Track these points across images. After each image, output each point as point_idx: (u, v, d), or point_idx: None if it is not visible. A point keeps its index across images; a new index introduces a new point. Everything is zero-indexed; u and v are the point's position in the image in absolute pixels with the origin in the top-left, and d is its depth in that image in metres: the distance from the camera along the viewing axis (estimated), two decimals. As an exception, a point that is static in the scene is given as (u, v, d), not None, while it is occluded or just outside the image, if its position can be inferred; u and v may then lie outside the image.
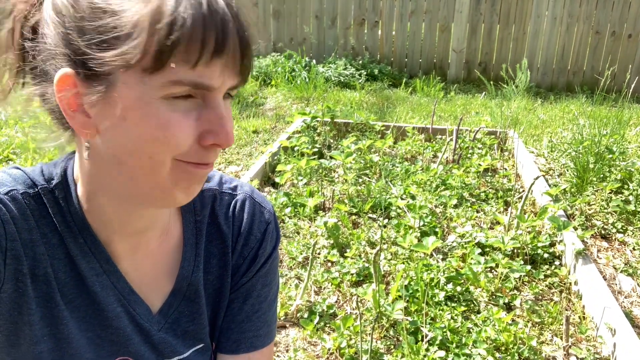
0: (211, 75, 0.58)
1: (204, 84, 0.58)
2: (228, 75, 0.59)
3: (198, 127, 0.60)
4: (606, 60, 6.19)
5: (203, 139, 0.61)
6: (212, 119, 0.60)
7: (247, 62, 0.61)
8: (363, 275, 2.25)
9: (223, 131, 0.60)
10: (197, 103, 0.60)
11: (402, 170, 3.31)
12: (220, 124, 0.60)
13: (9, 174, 0.68)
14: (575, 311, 2.13)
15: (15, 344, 0.66)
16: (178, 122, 0.59)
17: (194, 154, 0.62)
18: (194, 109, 0.60)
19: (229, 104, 0.64)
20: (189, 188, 0.65)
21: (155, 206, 0.68)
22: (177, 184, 0.63)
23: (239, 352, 0.83)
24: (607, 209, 2.88)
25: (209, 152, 0.62)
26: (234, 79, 0.60)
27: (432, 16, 6.36)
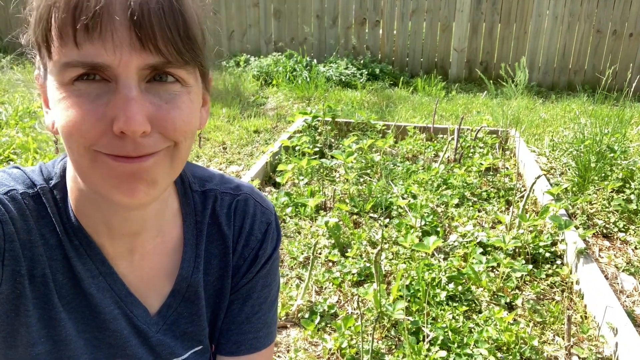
0: (97, 53, 0.53)
1: (93, 62, 0.53)
2: (127, 51, 0.53)
3: (107, 114, 0.55)
4: (607, 59, 6.18)
5: (113, 125, 0.55)
6: (117, 102, 0.55)
7: (165, 36, 0.54)
8: (364, 275, 2.25)
9: (123, 115, 0.54)
10: (111, 88, 0.55)
11: (403, 169, 3.31)
12: (122, 107, 0.54)
13: (9, 174, 0.67)
14: (577, 311, 2.12)
15: (12, 346, 0.66)
16: (81, 107, 0.55)
17: (109, 144, 0.56)
18: (106, 94, 0.55)
19: (170, 90, 0.58)
20: (121, 186, 0.58)
21: (117, 205, 0.62)
22: (104, 180, 0.58)
23: (238, 354, 0.82)
24: (609, 208, 2.87)
25: (123, 141, 0.56)
26: (145, 56, 0.54)
27: (433, 15, 6.35)
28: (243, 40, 6.76)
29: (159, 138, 0.58)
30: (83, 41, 0.53)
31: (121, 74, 0.54)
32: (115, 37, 0.53)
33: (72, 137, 0.56)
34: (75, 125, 0.55)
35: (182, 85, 0.59)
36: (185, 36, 0.56)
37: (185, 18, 0.56)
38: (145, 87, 0.57)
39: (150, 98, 0.57)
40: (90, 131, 0.55)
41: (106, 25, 0.52)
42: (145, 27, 0.53)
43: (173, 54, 0.55)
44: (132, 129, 0.54)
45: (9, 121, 4.08)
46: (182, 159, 0.62)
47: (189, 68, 0.58)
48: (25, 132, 3.82)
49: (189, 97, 0.60)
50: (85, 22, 0.52)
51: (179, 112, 0.58)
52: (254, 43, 6.76)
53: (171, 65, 0.56)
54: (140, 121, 0.54)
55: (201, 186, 0.79)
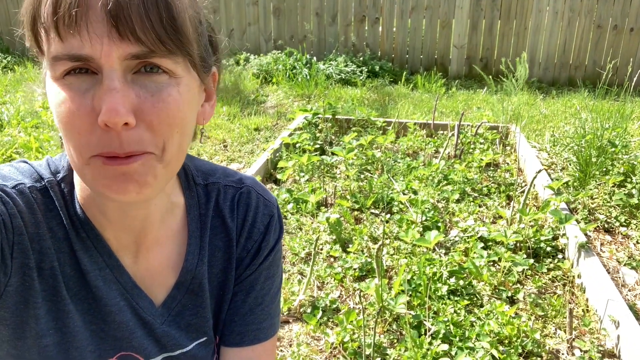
0: (79, 45, 0.53)
1: (76, 54, 0.54)
2: (107, 42, 0.53)
3: (94, 106, 0.55)
4: (608, 54, 6.17)
5: (98, 118, 0.54)
6: (101, 94, 0.54)
7: (145, 25, 0.54)
8: (366, 270, 2.26)
9: (104, 105, 0.53)
10: (97, 79, 0.55)
11: (404, 165, 3.31)
12: (104, 98, 0.53)
13: (16, 168, 0.68)
14: (579, 304, 2.12)
15: (21, 337, 0.66)
16: (72, 101, 0.55)
17: (99, 140, 0.56)
18: (93, 86, 0.55)
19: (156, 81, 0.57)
20: (111, 186, 0.58)
21: (110, 200, 0.63)
22: (96, 180, 0.58)
23: (242, 345, 0.83)
24: (610, 202, 2.87)
25: (109, 136, 0.55)
26: (125, 46, 0.54)
27: (433, 12, 6.34)
28: (243, 38, 6.77)
29: (145, 134, 0.57)
30: (66, 34, 0.53)
31: (104, 65, 0.54)
32: (91, 28, 0.53)
33: (68, 132, 0.56)
34: (69, 121, 0.56)
35: (170, 76, 0.58)
36: (168, 24, 0.55)
37: (170, 7, 0.55)
38: (132, 78, 0.56)
39: (137, 90, 0.56)
40: (82, 125, 0.55)
41: (81, 16, 0.53)
42: (121, 17, 0.53)
43: (155, 42, 0.54)
44: (113, 120, 0.53)
45: (11, 121, 4.09)
46: (175, 157, 0.61)
47: (176, 58, 0.57)
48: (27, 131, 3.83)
49: (177, 89, 0.59)
50: (63, 15, 0.53)
51: (164, 104, 0.57)
52: (254, 41, 6.76)
53: (154, 55, 0.55)
54: (122, 112, 0.53)
55: (204, 179, 0.80)
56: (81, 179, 0.61)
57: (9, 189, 0.64)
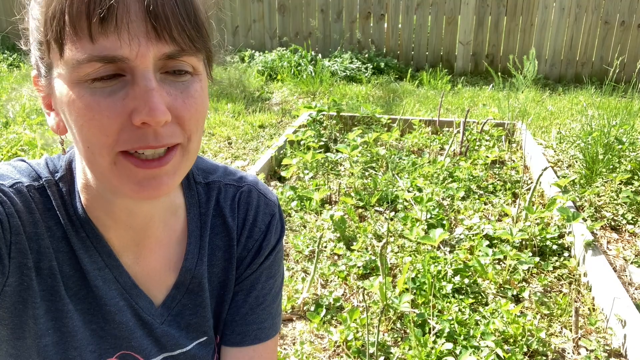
0: (114, 46, 0.53)
1: (110, 56, 0.53)
2: (144, 42, 0.53)
3: (126, 106, 0.55)
4: (615, 51, 6.11)
5: (132, 117, 0.55)
6: (137, 94, 0.55)
7: (178, 25, 0.54)
8: (370, 268, 2.25)
9: (146, 106, 0.54)
10: (127, 81, 0.55)
11: (408, 163, 3.29)
12: (143, 98, 0.54)
13: (14, 167, 0.67)
14: (585, 303, 2.10)
15: (20, 337, 0.66)
16: (98, 104, 0.55)
17: (130, 138, 0.56)
18: (122, 88, 0.55)
19: (182, 80, 0.58)
20: (141, 189, 0.59)
21: (127, 199, 0.65)
22: (124, 183, 0.59)
23: (243, 345, 0.82)
24: (617, 200, 2.84)
25: (144, 132, 0.56)
26: (160, 46, 0.54)
27: (439, 8, 6.31)
28: (248, 35, 6.76)
29: (176, 129, 0.59)
30: (98, 35, 0.52)
31: (138, 65, 0.54)
32: (131, 29, 0.53)
33: (93, 136, 0.56)
34: (95, 124, 0.55)
35: (193, 74, 0.59)
36: (195, 23, 0.56)
37: (195, 5, 0.56)
38: (161, 77, 0.57)
39: (167, 88, 0.57)
40: (110, 127, 0.55)
41: (121, 17, 0.52)
42: (160, 17, 0.53)
43: (187, 42, 0.56)
44: (156, 119, 0.54)
45: (16, 118, 4.11)
46: (195, 150, 0.63)
47: (199, 55, 0.59)
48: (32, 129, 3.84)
49: (200, 84, 0.61)
50: (101, 15, 0.51)
51: (193, 101, 0.59)
52: (259, 38, 6.75)
53: (185, 54, 0.56)
54: (163, 110, 0.55)
55: (205, 178, 0.79)
56: (102, 180, 0.61)
57: (6, 188, 0.63)
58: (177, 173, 0.61)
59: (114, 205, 0.67)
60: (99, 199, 0.67)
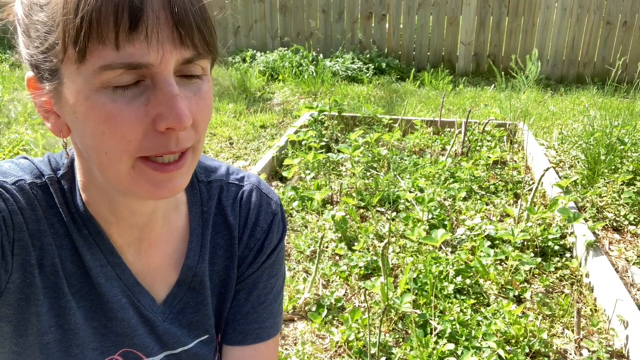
0: (140, 53, 0.52)
1: (135, 62, 0.53)
2: (169, 48, 0.54)
3: (149, 112, 0.55)
4: (617, 51, 6.10)
5: (156, 123, 0.55)
6: (161, 100, 0.55)
7: (197, 30, 0.55)
8: (371, 268, 2.24)
9: (172, 112, 0.54)
10: (146, 86, 0.55)
11: (410, 163, 3.29)
12: (169, 104, 0.55)
13: (17, 164, 0.68)
14: (587, 304, 2.10)
15: (23, 334, 0.66)
16: (120, 112, 0.54)
17: (152, 144, 0.57)
18: (142, 94, 0.55)
19: (194, 82, 0.59)
20: (156, 190, 0.60)
21: (138, 199, 0.66)
22: (139, 185, 0.59)
23: (244, 344, 0.82)
24: (619, 200, 2.84)
25: (167, 138, 0.57)
26: (182, 51, 0.55)
27: (440, 9, 6.30)
28: (249, 35, 6.76)
29: (191, 131, 0.59)
30: (124, 42, 0.52)
31: (161, 72, 0.54)
32: (160, 37, 0.53)
33: (114, 143, 0.56)
34: (117, 131, 0.55)
35: (202, 75, 0.60)
36: (207, 27, 0.57)
37: (207, 10, 0.57)
38: (177, 81, 0.57)
39: (184, 92, 0.58)
40: (133, 134, 0.55)
41: (151, 25, 0.52)
42: (184, 24, 0.54)
43: (204, 46, 0.56)
44: (184, 125, 0.55)
45: (18, 118, 4.11)
46: (201, 149, 0.65)
47: (209, 57, 0.60)
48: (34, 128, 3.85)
49: (208, 85, 0.61)
50: (129, 22, 0.51)
51: (205, 102, 0.60)
52: (260, 38, 6.75)
53: (200, 57, 0.57)
54: (189, 116, 0.55)
55: (207, 176, 0.80)
56: (116, 184, 0.60)
57: (9, 185, 0.63)
58: (188, 172, 0.63)
59: (117, 203, 0.68)
60: (101, 197, 0.67)
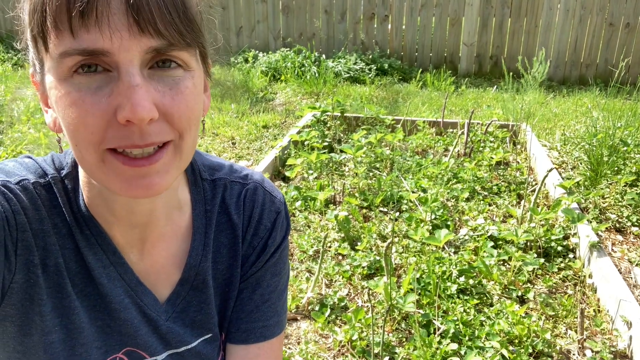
0: (94, 39, 0.51)
1: (89, 49, 0.51)
2: (126, 36, 0.52)
3: (111, 103, 0.54)
4: (620, 52, 6.09)
5: (117, 114, 0.53)
6: (121, 90, 0.53)
7: (163, 18, 0.53)
8: (374, 268, 2.24)
9: (128, 103, 0.52)
10: (113, 77, 0.54)
11: (413, 163, 3.29)
12: (127, 95, 0.53)
13: (21, 164, 0.68)
14: (590, 304, 2.10)
15: (27, 334, 0.66)
16: (83, 101, 0.53)
17: (115, 136, 0.55)
18: (107, 84, 0.54)
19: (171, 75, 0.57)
20: (130, 188, 0.58)
21: (119, 196, 0.64)
22: (112, 181, 0.58)
23: (248, 342, 0.82)
24: (622, 201, 2.84)
25: (130, 130, 0.54)
26: (144, 39, 0.53)
27: (443, 10, 6.30)
28: (252, 36, 6.76)
29: (165, 126, 0.57)
30: (79, 29, 0.51)
31: (122, 60, 0.53)
32: (111, 22, 0.51)
33: (79, 134, 0.55)
34: (80, 121, 0.54)
35: (184, 69, 0.58)
36: (185, 17, 0.55)
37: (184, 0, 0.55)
38: (148, 73, 0.55)
39: (154, 84, 0.55)
40: (95, 125, 0.54)
41: (102, 10, 0.51)
42: (143, 10, 0.52)
43: (174, 35, 0.54)
44: (139, 116, 0.52)
45: (21, 117, 4.12)
46: (189, 148, 0.62)
47: (191, 50, 0.57)
48: (37, 128, 3.85)
49: (192, 81, 0.59)
50: (80, 8, 0.50)
51: (182, 97, 0.57)
52: (263, 39, 6.76)
53: (173, 48, 0.55)
54: (148, 108, 0.53)
55: (211, 175, 0.79)
56: (92, 177, 0.60)
57: (12, 185, 0.63)
58: (169, 172, 0.59)
59: (114, 203, 0.67)
60: (100, 196, 0.67)
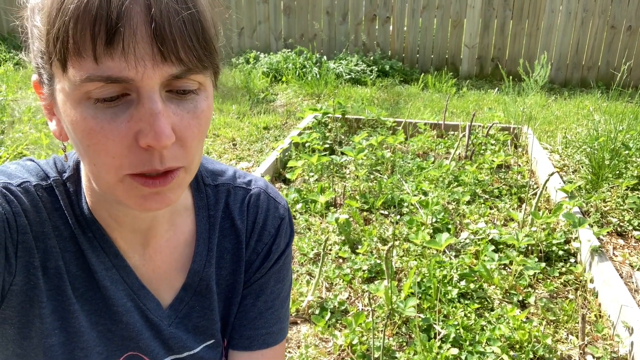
0: (119, 67, 0.51)
1: (114, 77, 0.51)
2: (150, 65, 0.52)
3: (131, 129, 0.54)
4: (622, 55, 6.09)
5: (138, 140, 0.54)
6: (142, 116, 0.53)
7: (184, 45, 0.53)
8: (375, 271, 2.24)
9: (152, 129, 0.53)
10: (131, 101, 0.54)
11: (414, 166, 3.28)
12: (149, 121, 0.53)
13: (23, 166, 0.68)
14: (591, 309, 2.09)
15: (27, 337, 0.66)
16: (102, 128, 0.54)
17: (136, 160, 0.55)
18: (127, 110, 0.54)
19: (189, 98, 0.57)
20: (145, 203, 0.59)
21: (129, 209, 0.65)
22: (130, 198, 0.59)
23: (251, 349, 0.82)
24: (623, 205, 2.83)
25: (151, 154, 0.55)
26: (166, 67, 0.53)
27: (444, 11, 6.30)
28: (253, 36, 6.76)
29: (179, 151, 0.57)
30: (103, 56, 0.51)
31: (144, 87, 0.53)
32: (137, 52, 0.51)
33: (99, 158, 0.55)
34: (101, 147, 0.54)
35: (199, 90, 0.58)
36: (204, 42, 0.55)
37: (203, 24, 0.55)
38: (166, 96, 0.56)
39: (173, 108, 0.56)
40: (116, 150, 0.54)
41: (128, 41, 0.51)
42: (167, 40, 0.52)
43: (193, 61, 0.54)
44: (162, 143, 0.53)
45: (22, 117, 4.12)
46: (197, 164, 0.63)
47: (207, 72, 0.58)
48: (38, 128, 3.85)
49: (207, 102, 0.59)
50: (107, 38, 0.50)
51: (198, 121, 0.58)
52: (264, 40, 6.76)
53: (192, 72, 0.55)
54: (169, 135, 0.54)
55: (214, 180, 0.79)
56: (106, 193, 0.60)
57: (14, 187, 0.63)
58: (180, 187, 0.61)
59: (117, 209, 0.67)
60: (103, 202, 0.67)
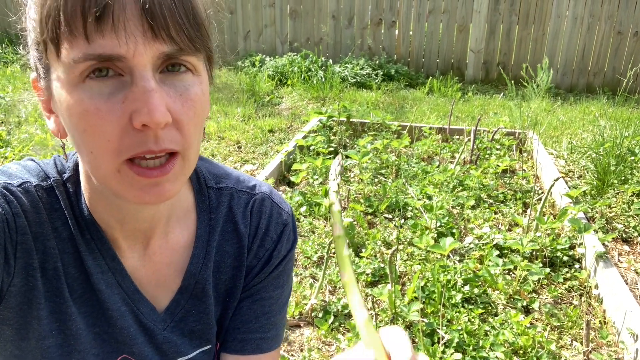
0: (110, 45, 0.51)
1: (106, 54, 0.51)
2: (141, 41, 0.52)
3: (126, 109, 0.54)
4: (628, 61, 6.07)
5: (132, 119, 0.53)
6: (136, 95, 0.53)
7: (175, 23, 0.53)
8: (378, 275, 2.23)
9: (145, 107, 0.52)
10: (125, 82, 0.54)
11: (419, 170, 3.28)
12: (142, 98, 0.53)
13: (23, 166, 0.67)
14: (596, 315, 2.08)
15: (24, 338, 0.66)
16: (97, 109, 0.53)
17: (132, 141, 0.55)
18: (121, 91, 0.54)
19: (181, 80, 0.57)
20: (143, 195, 0.58)
21: (128, 202, 0.64)
22: (125, 188, 0.58)
23: (243, 353, 0.80)
24: (629, 211, 2.81)
25: (145, 135, 0.54)
26: (158, 44, 0.53)
27: (450, 16, 6.30)
28: (259, 40, 6.78)
29: (175, 133, 0.57)
30: (94, 34, 0.51)
31: (136, 65, 0.53)
32: (127, 27, 0.51)
33: (95, 142, 0.55)
34: (96, 130, 0.54)
35: (193, 74, 0.58)
36: (195, 22, 0.55)
37: (193, 3, 0.55)
38: (160, 77, 0.56)
39: (166, 90, 0.56)
40: (112, 132, 0.54)
41: (118, 15, 0.51)
42: (157, 16, 0.52)
43: (185, 41, 0.54)
44: (156, 120, 0.52)
45: (28, 118, 4.14)
46: (195, 155, 0.62)
47: (199, 55, 0.58)
48: (44, 129, 3.87)
49: (200, 88, 0.59)
50: (96, 14, 0.50)
51: (192, 103, 0.57)
52: (270, 43, 6.78)
53: (184, 53, 0.55)
54: (163, 112, 0.53)
55: (217, 183, 0.78)
56: (104, 185, 0.60)
57: (14, 188, 0.63)
58: (178, 179, 0.60)
59: (118, 208, 0.67)
60: (103, 201, 0.67)
